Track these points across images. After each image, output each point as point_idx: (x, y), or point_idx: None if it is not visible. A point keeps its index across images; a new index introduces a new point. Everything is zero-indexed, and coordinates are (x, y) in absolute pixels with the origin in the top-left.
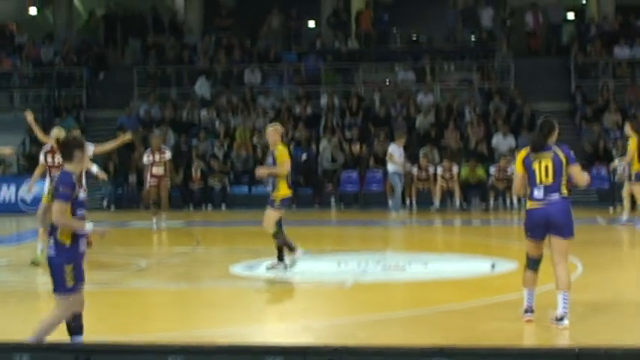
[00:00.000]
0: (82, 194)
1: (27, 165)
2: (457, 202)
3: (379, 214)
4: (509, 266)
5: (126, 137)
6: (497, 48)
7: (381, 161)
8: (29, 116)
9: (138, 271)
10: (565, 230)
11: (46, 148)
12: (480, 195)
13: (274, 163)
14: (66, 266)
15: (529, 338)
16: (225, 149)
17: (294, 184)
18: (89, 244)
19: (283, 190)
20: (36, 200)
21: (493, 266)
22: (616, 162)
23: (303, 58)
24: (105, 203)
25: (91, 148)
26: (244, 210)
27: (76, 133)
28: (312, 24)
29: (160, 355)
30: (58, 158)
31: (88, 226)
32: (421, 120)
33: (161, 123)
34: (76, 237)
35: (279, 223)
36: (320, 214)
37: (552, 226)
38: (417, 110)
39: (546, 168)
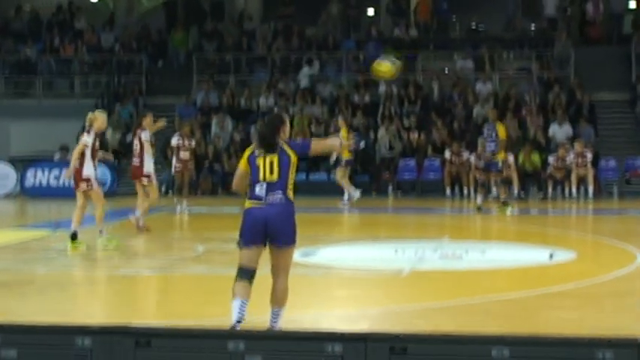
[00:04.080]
0: None
1: None
2: (515, 191)
3: (436, 201)
4: (568, 256)
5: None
6: (556, 37)
7: (439, 149)
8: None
9: (195, 256)
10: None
11: None
12: (537, 184)
13: None
14: None
15: (588, 328)
16: None
17: (352, 171)
18: None
19: None
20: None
21: (551, 256)
22: None
23: (363, 46)
24: (163, 189)
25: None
26: (301, 197)
27: None
28: (370, 12)
29: (220, 340)
30: None
31: None
32: (479, 109)
33: (219, 110)
34: None
35: None
36: (377, 202)
37: None
38: (475, 99)
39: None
